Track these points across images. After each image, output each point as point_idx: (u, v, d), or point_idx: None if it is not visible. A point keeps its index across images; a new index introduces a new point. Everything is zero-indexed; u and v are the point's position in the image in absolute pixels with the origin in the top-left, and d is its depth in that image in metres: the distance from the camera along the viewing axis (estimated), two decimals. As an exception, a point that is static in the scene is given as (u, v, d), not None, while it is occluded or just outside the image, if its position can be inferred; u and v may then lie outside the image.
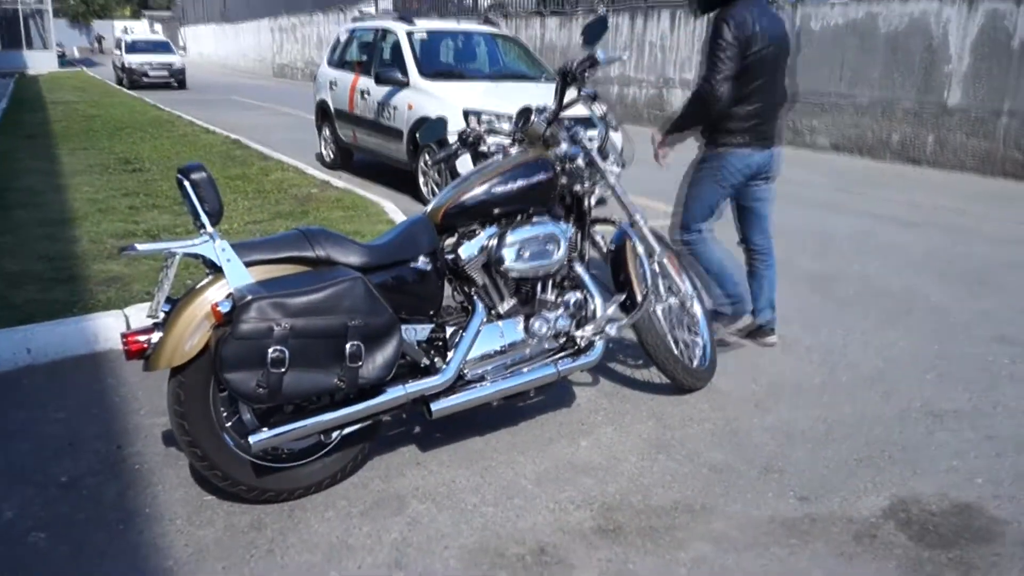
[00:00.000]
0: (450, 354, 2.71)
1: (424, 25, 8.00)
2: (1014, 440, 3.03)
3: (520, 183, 2.87)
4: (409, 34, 7.64)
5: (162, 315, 2.36)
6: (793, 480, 2.74)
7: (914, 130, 9.90)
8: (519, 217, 2.93)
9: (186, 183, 2.34)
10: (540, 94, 5.28)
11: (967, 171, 9.31)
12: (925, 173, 9.39)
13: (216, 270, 2.38)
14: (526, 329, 2.89)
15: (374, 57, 8.15)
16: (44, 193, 6.90)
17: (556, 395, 3.32)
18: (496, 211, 2.86)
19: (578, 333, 2.97)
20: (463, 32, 8.31)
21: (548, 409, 3.22)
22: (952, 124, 9.48)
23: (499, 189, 2.84)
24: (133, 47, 24.83)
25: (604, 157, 3.14)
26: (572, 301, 2.98)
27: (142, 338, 2.33)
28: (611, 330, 2.98)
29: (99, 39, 59.08)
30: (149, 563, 2.26)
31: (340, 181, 7.81)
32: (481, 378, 2.80)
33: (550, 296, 2.98)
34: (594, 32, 3.06)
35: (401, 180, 7.86)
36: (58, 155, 9.31)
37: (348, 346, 2.37)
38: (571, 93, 3.10)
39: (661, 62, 13.75)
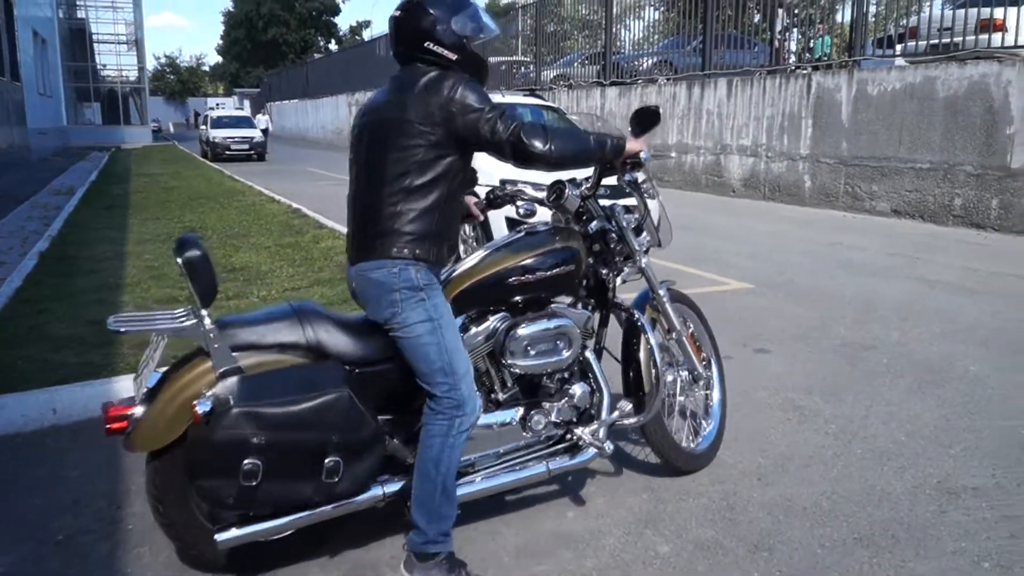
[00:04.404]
0: None
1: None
2: (1034, 522, 2.84)
3: (539, 275, 2.70)
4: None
5: (146, 390, 2.32)
6: (782, 559, 2.62)
7: (977, 194, 9.58)
8: (535, 304, 2.77)
9: (179, 261, 2.24)
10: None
11: (1035, 236, 8.93)
12: (988, 238, 9.03)
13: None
14: (524, 420, 2.74)
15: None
16: (107, 260, 7.30)
17: (552, 464, 3.27)
18: (509, 299, 2.72)
19: (578, 431, 2.80)
20: (508, 104, 8.53)
21: (542, 478, 3.18)
22: (1017, 187, 9.14)
23: (515, 279, 2.68)
24: (217, 122, 26.29)
25: (639, 235, 2.98)
26: (577, 395, 2.80)
27: (124, 414, 2.27)
28: (608, 446, 2.80)
29: (196, 115, 62.80)
30: (118, 623, 2.31)
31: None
32: (471, 464, 2.68)
33: (554, 386, 2.82)
34: (644, 123, 2.87)
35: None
36: (130, 225, 9.87)
37: (327, 461, 2.29)
38: (609, 178, 2.93)
39: (718, 129, 13.75)
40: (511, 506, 2.97)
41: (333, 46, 61.78)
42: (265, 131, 28.55)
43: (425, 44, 2.45)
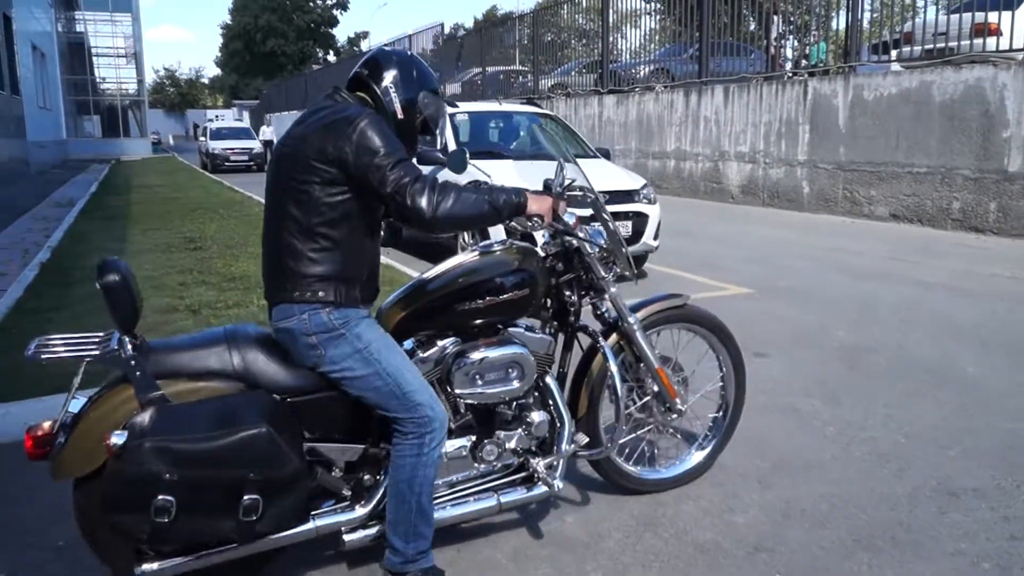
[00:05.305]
0: (377, 479, 2.47)
1: (467, 107, 8.30)
2: (1033, 522, 2.84)
3: (489, 299, 2.55)
4: (451, 116, 7.94)
5: (70, 415, 2.25)
6: (782, 561, 2.62)
7: (975, 198, 9.60)
8: (489, 328, 2.62)
9: (98, 286, 2.17)
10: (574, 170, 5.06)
11: (1034, 239, 8.94)
12: (988, 241, 9.04)
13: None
14: (475, 450, 2.59)
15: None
16: (107, 271, 7.31)
17: (552, 468, 3.27)
18: (459, 324, 2.58)
19: (534, 461, 2.67)
20: (505, 113, 8.56)
21: (541, 483, 3.18)
22: (1015, 191, 9.16)
23: (462, 304, 2.53)
24: (217, 134, 26.41)
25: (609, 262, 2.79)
26: (535, 424, 2.64)
27: (45, 439, 2.22)
28: (558, 484, 2.68)
29: (195, 127, 62.88)
30: (118, 629, 2.31)
31: (386, 257, 8.02)
32: None
33: (510, 413, 2.65)
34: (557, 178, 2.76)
35: (437, 254, 8.01)
36: (130, 235, 9.89)
37: (244, 499, 2.16)
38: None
39: (716, 136, 13.79)
40: (508, 510, 2.96)
41: (331, 57, 61.94)
42: (269, 143, 28.63)
43: (385, 85, 2.42)
